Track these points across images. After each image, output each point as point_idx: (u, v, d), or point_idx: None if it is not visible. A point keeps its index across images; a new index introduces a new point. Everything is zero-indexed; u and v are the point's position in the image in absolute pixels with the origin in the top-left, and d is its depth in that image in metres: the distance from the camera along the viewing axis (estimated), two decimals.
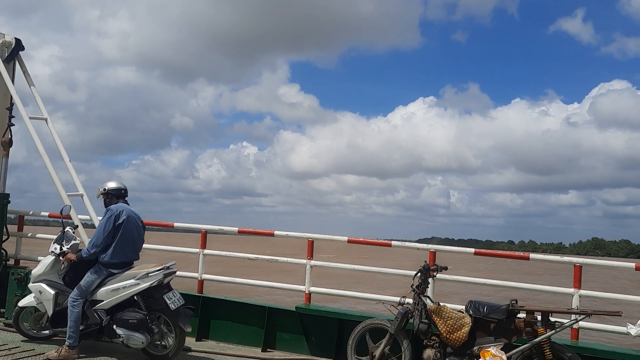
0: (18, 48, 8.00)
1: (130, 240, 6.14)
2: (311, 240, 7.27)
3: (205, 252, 7.66)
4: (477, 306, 5.51)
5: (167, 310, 5.91)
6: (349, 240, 7.45)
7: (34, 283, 6.34)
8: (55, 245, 6.37)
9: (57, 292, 6.19)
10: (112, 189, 6.29)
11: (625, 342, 7.64)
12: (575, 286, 6.16)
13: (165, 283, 6.04)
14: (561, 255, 6.72)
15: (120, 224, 6.03)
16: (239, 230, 8.00)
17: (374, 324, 5.93)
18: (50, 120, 7.94)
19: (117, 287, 5.95)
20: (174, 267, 6.17)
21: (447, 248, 7.06)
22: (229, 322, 7.42)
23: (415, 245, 7.03)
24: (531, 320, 5.29)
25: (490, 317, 5.42)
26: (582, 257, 6.42)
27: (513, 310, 5.39)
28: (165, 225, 8.45)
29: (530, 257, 6.62)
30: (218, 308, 7.48)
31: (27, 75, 8.08)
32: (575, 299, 6.10)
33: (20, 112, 7.69)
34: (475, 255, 6.87)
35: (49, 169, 7.48)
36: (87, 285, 5.97)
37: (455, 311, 5.64)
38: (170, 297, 5.96)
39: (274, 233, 7.71)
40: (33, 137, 7.57)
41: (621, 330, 5.71)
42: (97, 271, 6.00)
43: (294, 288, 7.55)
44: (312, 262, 7.21)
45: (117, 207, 6.14)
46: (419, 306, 5.67)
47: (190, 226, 8.36)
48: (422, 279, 5.78)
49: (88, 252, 6.00)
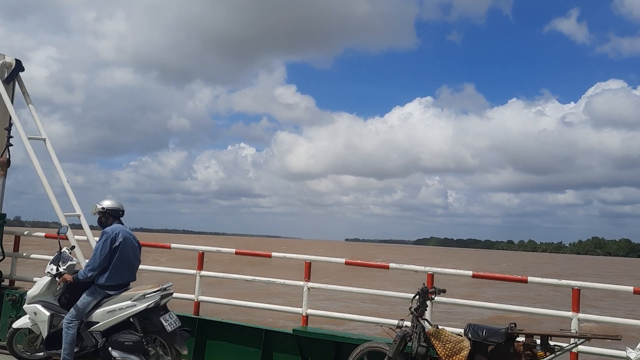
0: (18, 69, 8.05)
1: (127, 262, 6.10)
2: (308, 262, 7.24)
3: (202, 273, 7.61)
4: (476, 329, 5.48)
5: (164, 332, 5.86)
6: (347, 263, 7.42)
7: (29, 304, 6.29)
8: (51, 266, 6.33)
9: (52, 314, 6.13)
10: (110, 209, 6.25)
11: None
12: (574, 310, 6.14)
13: (162, 304, 6.00)
14: (559, 279, 6.70)
15: (117, 246, 5.99)
16: (236, 252, 7.98)
17: (372, 347, 5.89)
18: (49, 141, 7.95)
19: (113, 309, 5.90)
20: (170, 288, 6.13)
21: (446, 271, 7.03)
22: (226, 344, 7.35)
23: (413, 268, 7.00)
24: (530, 344, 5.26)
25: (489, 340, 5.39)
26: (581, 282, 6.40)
27: (512, 334, 5.36)
28: (162, 246, 8.42)
29: (528, 281, 6.60)
30: (215, 330, 7.42)
31: (26, 96, 8.12)
32: (574, 323, 6.07)
33: (19, 133, 7.71)
34: (474, 278, 6.85)
35: (47, 189, 7.47)
36: (83, 306, 5.93)
37: (454, 334, 5.61)
38: (167, 318, 5.91)
39: (272, 255, 7.69)
40: (31, 157, 7.57)
41: (621, 354, 5.68)
42: (94, 293, 5.96)
43: (291, 310, 7.50)
44: (310, 284, 7.17)
45: (113, 230, 6.09)
46: (417, 329, 5.63)
47: (187, 247, 8.34)
48: (421, 302, 5.76)
49: (85, 275, 5.96)
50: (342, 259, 7.46)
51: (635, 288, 6.25)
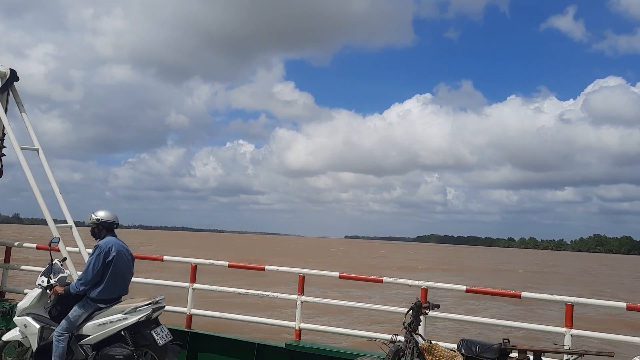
0: (12, 79, 8.03)
1: (119, 276, 6.03)
2: (302, 275, 7.22)
3: (195, 286, 7.57)
4: (469, 345, 5.46)
5: (155, 346, 5.80)
6: (340, 276, 7.40)
7: (19, 317, 6.21)
8: (42, 278, 6.26)
9: (42, 326, 6.05)
10: (105, 221, 6.18)
11: None
12: (567, 325, 6.13)
13: (154, 318, 5.95)
14: (553, 294, 6.70)
15: (110, 260, 5.91)
16: (229, 265, 7.94)
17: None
18: (42, 151, 7.92)
19: (104, 322, 5.84)
20: (162, 301, 6.08)
21: (440, 285, 7.02)
22: (218, 357, 7.30)
23: (407, 282, 6.99)
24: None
25: (482, 356, 5.36)
26: (574, 298, 6.40)
27: (505, 350, 5.34)
28: (154, 258, 8.37)
29: (522, 296, 6.60)
30: (207, 343, 7.37)
31: (20, 106, 8.09)
32: (567, 339, 6.06)
33: (12, 143, 7.68)
34: (467, 292, 6.84)
35: (39, 200, 7.42)
36: (74, 319, 5.85)
37: (448, 350, 5.59)
38: (158, 332, 5.86)
39: (265, 268, 7.66)
40: (24, 168, 7.54)
41: None
42: (85, 305, 5.89)
43: (284, 324, 7.47)
44: (303, 297, 7.14)
45: (106, 243, 6.02)
46: (410, 344, 5.60)
47: (180, 259, 8.30)
48: (414, 317, 5.73)
49: (76, 289, 5.88)
50: (336, 272, 7.45)
51: (628, 304, 6.26)
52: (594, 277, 50.68)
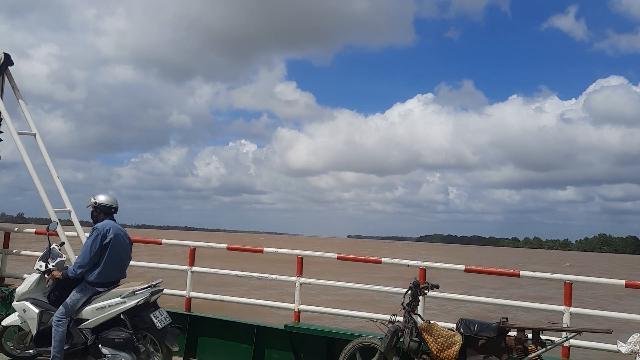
0: (7, 63, 7.94)
1: (117, 259, 6.04)
2: (300, 257, 7.21)
3: (194, 269, 7.57)
4: (467, 324, 5.48)
5: (154, 329, 5.82)
6: (339, 257, 7.40)
7: (18, 301, 6.23)
8: (40, 263, 6.26)
9: (41, 311, 6.07)
10: (102, 205, 6.17)
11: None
12: (566, 303, 6.14)
13: (152, 301, 5.96)
14: (551, 273, 6.70)
15: (107, 243, 5.91)
16: (228, 247, 7.93)
17: (364, 342, 5.87)
18: (39, 136, 7.87)
19: (103, 306, 5.85)
20: (161, 284, 6.09)
21: (438, 265, 7.02)
22: (217, 341, 7.32)
23: (405, 262, 6.98)
24: (522, 338, 5.26)
25: (481, 335, 5.38)
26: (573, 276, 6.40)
27: (504, 328, 5.36)
28: (153, 242, 8.36)
29: (520, 275, 6.60)
30: (206, 326, 7.38)
31: (16, 90, 8.02)
32: (566, 317, 6.07)
33: (9, 128, 7.63)
34: (466, 272, 6.83)
35: (37, 185, 7.40)
36: (72, 303, 5.86)
37: (446, 329, 5.61)
38: (157, 315, 5.87)
39: (263, 250, 7.66)
40: (21, 152, 7.50)
41: (612, 348, 5.68)
42: (83, 290, 5.90)
43: (283, 306, 7.47)
44: (302, 279, 7.14)
45: (104, 226, 6.02)
46: (409, 324, 5.62)
47: (178, 242, 8.30)
48: (413, 297, 5.74)
49: (74, 272, 5.89)
50: (334, 254, 7.44)
51: (627, 282, 6.26)
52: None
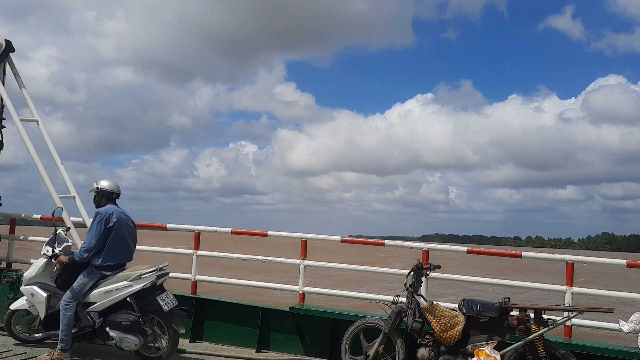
0: (8, 50, 7.93)
1: (122, 243, 6.11)
2: (304, 240, 7.26)
3: (199, 253, 7.64)
4: (470, 304, 5.52)
5: (161, 312, 5.89)
6: (342, 240, 7.46)
7: (25, 286, 6.31)
8: (47, 248, 6.33)
9: (49, 295, 6.15)
10: (104, 190, 6.23)
11: (617, 339, 7.68)
12: (568, 283, 6.18)
13: (159, 284, 6.02)
14: (553, 254, 6.74)
15: (111, 227, 5.98)
16: (232, 231, 7.98)
17: (368, 323, 5.94)
18: (42, 121, 7.89)
19: (110, 289, 5.92)
20: (167, 268, 6.15)
21: (440, 247, 7.08)
22: (223, 323, 7.40)
23: (408, 244, 7.03)
24: (524, 318, 5.31)
25: (483, 315, 5.43)
26: (574, 256, 6.44)
27: (506, 308, 5.40)
28: (158, 226, 8.42)
29: (522, 255, 6.64)
30: (212, 309, 7.47)
31: (17, 77, 8.02)
32: (568, 296, 6.12)
33: (11, 114, 7.65)
34: (468, 254, 6.88)
35: (40, 170, 7.44)
36: (79, 287, 5.94)
37: (449, 310, 5.66)
38: (164, 298, 5.94)
39: (267, 233, 7.70)
40: (24, 139, 7.53)
41: (613, 327, 5.74)
42: (90, 274, 5.97)
43: (287, 288, 7.54)
44: (306, 262, 7.20)
45: (106, 210, 6.07)
46: (412, 305, 5.67)
47: (183, 227, 8.35)
48: (415, 278, 5.79)
49: (80, 257, 5.96)
50: (338, 237, 7.50)
51: (628, 261, 6.30)
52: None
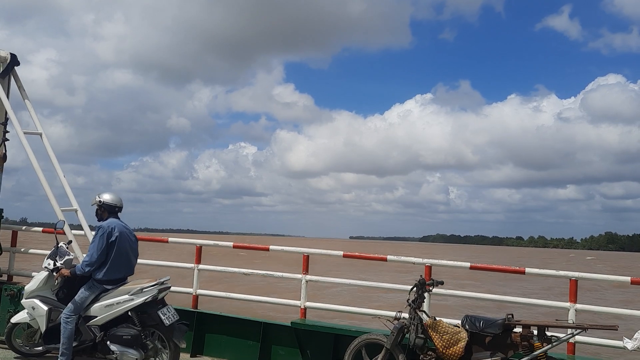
0: (13, 63, 7.98)
1: (124, 257, 6.09)
2: (306, 254, 7.24)
3: (200, 267, 7.61)
4: (473, 321, 5.49)
5: (162, 326, 5.86)
6: (345, 255, 7.42)
7: (27, 299, 6.29)
8: (48, 261, 6.32)
9: (50, 308, 6.13)
10: (106, 204, 6.22)
11: (621, 356, 7.62)
12: (571, 300, 6.15)
13: (160, 298, 6.00)
14: (557, 270, 6.71)
15: (113, 241, 5.97)
16: (234, 245, 7.97)
17: (370, 339, 5.90)
18: (45, 134, 7.92)
19: (111, 303, 5.90)
20: (168, 282, 6.13)
21: (443, 262, 7.04)
22: (224, 337, 7.37)
23: (411, 260, 7.00)
24: (527, 335, 5.28)
25: (486, 331, 5.40)
26: (578, 273, 6.41)
27: (509, 325, 5.37)
28: (159, 240, 8.41)
29: (526, 272, 6.61)
30: (213, 323, 7.43)
31: (22, 90, 8.07)
32: (572, 313, 6.08)
33: (15, 127, 7.68)
34: (471, 269, 6.86)
35: (43, 184, 7.45)
36: (81, 301, 5.92)
37: (452, 326, 5.62)
38: (165, 312, 5.91)
39: (269, 248, 7.69)
40: (28, 152, 7.55)
41: (617, 344, 5.69)
42: (91, 287, 5.95)
43: (289, 303, 7.51)
44: (308, 276, 7.18)
45: (109, 224, 6.06)
46: (415, 321, 5.64)
47: (184, 241, 8.34)
48: (418, 294, 5.77)
49: (82, 270, 5.94)
50: (340, 251, 7.47)
51: (632, 278, 6.26)
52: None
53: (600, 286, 23.92)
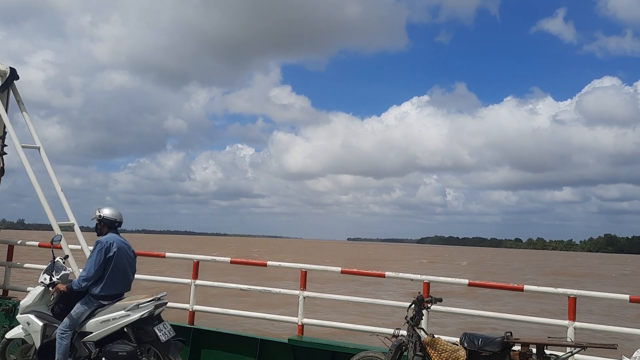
0: (12, 77, 8.02)
1: (121, 272, 6.05)
2: (304, 270, 7.21)
3: (197, 282, 7.58)
4: (471, 338, 5.46)
5: (158, 342, 5.81)
6: (342, 271, 7.40)
7: (22, 314, 6.23)
8: (45, 276, 6.27)
9: (45, 324, 6.07)
10: (106, 219, 6.19)
11: None
12: (570, 318, 6.13)
13: (156, 314, 5.96)
14: (555, 287, 6.70)
15: (111, 256, 5.93)
16: (231, 261, 7.94)
17: (368, 356, 5.85)
18: (43, 149, 7.92)
19: (107, 319, 5.85)
20: (165, 298, 6.09)
21: (442, 279, 7.02)
22: (221, 354, 7.31)
23: (409, 277, 6.98)
24: (526, 353, 5.25)
25: (485, 349, 5.36)
26: (577, 290, 6.39)
27: (508, 343, 5.34)
28: (156, 255, 8.38)
29: (524, 289, 6.59)
30: (209, 339, 7.38)
31: (20, 104, 8.10)
32: (570, 331, 6.05)
33: (13, 141, 7.69)
34: (470, 286, 6.83)
35: (41, 198, 7.44)
36: (76, 316, 5.87)
37: (450, 343, 5.58)
38: (161, 328, 5.87)
39: (267, 264, 7.66)
40: (25, 166, 7.55)
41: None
42: (87, 302, 5.91)
43: (286, 320, 7.46)
44: (305, 292, 7.14)
45: (107, 239, 6.04)
46: (413, 338, 5.60)
47: (182, 256, 8.31)
48: (416, 311, 5.73)
49: (79, 285, 5.90)
50: (338, 267, 7.45)
51: (631, 296, 6.25)
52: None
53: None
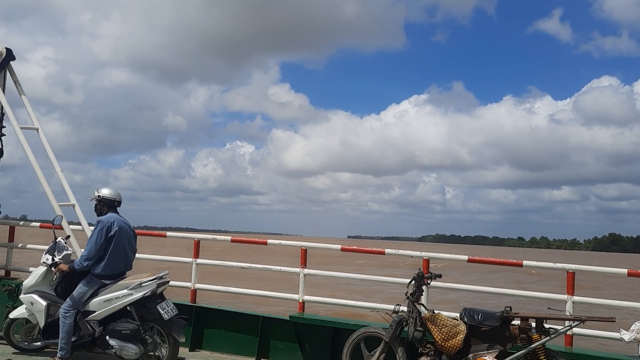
0: (9, 58, 7.94)
1: (122, 251, 6.09)
2: (304, 248, 7.25)
3: (198, 261, 7.61)
4: (471, 313, 5.51)
5: (161, 321, 5.87)
6: (342, 249, 7.43)
7: (25, 294, 6.28)
8: (47, 256, 6.31)
9: (48, 304, 6.13)
10: (105, 198, 6.22)
11: (619, 348, 7.66)
12: (569, 292, 6.17)
13: (159, 293, 6.01)
14: (555, 262, 6.73)
15: (112, 235, 5.97)
16: (232, 240, 7.98)
17: (369, 332, 5.91)
18: (42, 129, 7.89)
19: (110, 298, 5.90)
20: (167, 276, 6.13)
21: (441, 255, 7.06)
22: (223, 332, 7.37)
23: (409, 253, 7.01)
24: (526, 327, 5.29)
25: (484, 324, 5.41)
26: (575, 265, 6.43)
27: (507, 317, 5.39)
28: (157, 234, 8.41)
29: (523, 264, 6.63)
30: (211, 318, 7.44)
31: (18, 85, 8.03)
32: (569, 305, 6.10)
33: (11, 122, 7.65)
34: (469, 262, 6.87)
35: (40, 179, 7.43)
36: (79, 296, 5.92)
37: (450, 319, 5.64)
38: (164, 307, 5.92)
39: (267, 242, 7.69)
40: (24, 147, 7.53)
41: (615, 336, 5.72)
42: (90, 282, 5.95)
43: (287, 297, 7.51)
44: (306, 270, 7.18)
45: (108, 219, 6.06)
46: (413, 314, 5.65)
47: (183, 235, 8.34)
48: (417, 287, 5.78)
49: (80, 265, 5.95)
50: (338, 245, 7.48)
51: (629, 270, 6.29)
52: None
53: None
